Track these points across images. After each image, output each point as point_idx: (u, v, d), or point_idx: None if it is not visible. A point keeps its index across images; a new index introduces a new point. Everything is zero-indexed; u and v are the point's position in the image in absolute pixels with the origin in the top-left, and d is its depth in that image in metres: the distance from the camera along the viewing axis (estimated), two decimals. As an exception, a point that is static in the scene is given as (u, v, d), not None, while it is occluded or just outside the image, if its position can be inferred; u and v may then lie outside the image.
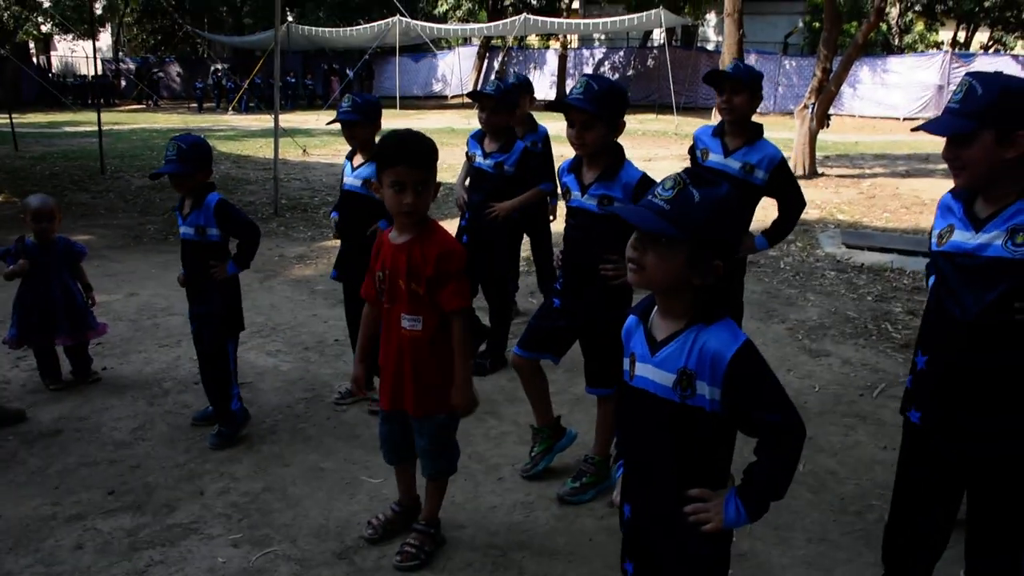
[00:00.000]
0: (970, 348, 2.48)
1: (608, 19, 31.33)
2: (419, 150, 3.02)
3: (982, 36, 38.92)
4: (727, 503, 2.05)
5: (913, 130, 2.76)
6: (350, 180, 4.70)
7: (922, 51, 32.32)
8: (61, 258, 4.98)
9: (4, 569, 3.25)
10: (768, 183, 4.13)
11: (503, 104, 5.22)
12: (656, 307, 2.12)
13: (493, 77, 8.38)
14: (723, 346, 1.95)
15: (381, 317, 3.25)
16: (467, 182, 5.53)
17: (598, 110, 3.44)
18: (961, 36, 37.42)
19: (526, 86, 5.96)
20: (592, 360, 3.85)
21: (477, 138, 5.42)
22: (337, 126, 4.68)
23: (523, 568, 3.31)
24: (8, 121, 17.57)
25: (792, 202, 4.28)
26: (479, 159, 5.32)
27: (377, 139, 3.88)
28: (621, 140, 3.70)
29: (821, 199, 12.26)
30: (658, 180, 2.08)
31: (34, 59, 41.37)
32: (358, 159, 4.71)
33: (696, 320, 2.00)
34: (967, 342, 2.48)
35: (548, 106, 3.78)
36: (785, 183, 4.21)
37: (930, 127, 2.45)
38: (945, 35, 37.10)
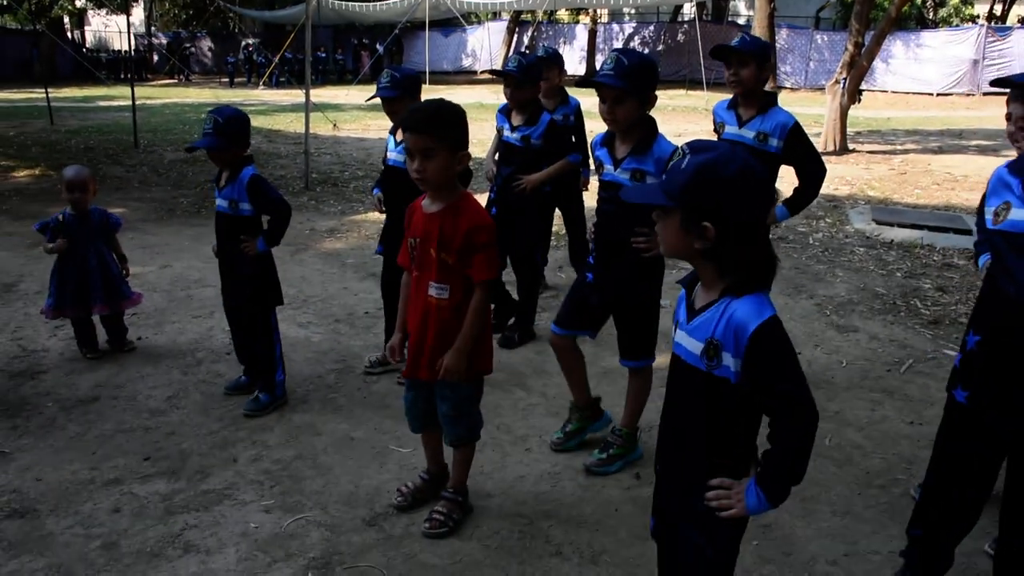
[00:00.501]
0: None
1: (639, -7, 31.10)
2: (422, 117, 3.05)
3: (1020, 9, 38.16)
4: (748, 490, 2.06)
5: (994, 83, 2.67)
6: (394, 155, 4.71)
7: (957, 25, 31.76)
8: (97, 229, 5.06)
9: (46, 529, 3.35)
10: (784, 151, 4.15)
11: (526, 80, 5.23)
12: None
13: (513, 53, 8.36)
14: (748, 318, 1.97)
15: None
16: (496, 156, 5.56)
17: (628, 85, 3.43)
18: (998, 9, 36.71)
19: (556, 59, 5.96)
20: (624, 332, 3.88)
21: (504, 112, 5.45)
22: (377, 101, 4.67)
23: (550, 537, 3.37)
24: (44, 95, 17.78)
25: (811, 169, 4.26)
26: (507, 133, 5.36)
27: None
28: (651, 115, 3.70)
29: (852, 175, 12.17)
30: None
31: (68, 34, 41.76)
32: (401, 134, 4.73)
33: (728, 291, 2.03)
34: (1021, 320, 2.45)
35: (579, 82, 3.79)
36: (801, 149, 4.20)
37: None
38: (981, 8, 36.38)
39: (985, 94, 27.69)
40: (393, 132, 4.80)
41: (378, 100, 4.64)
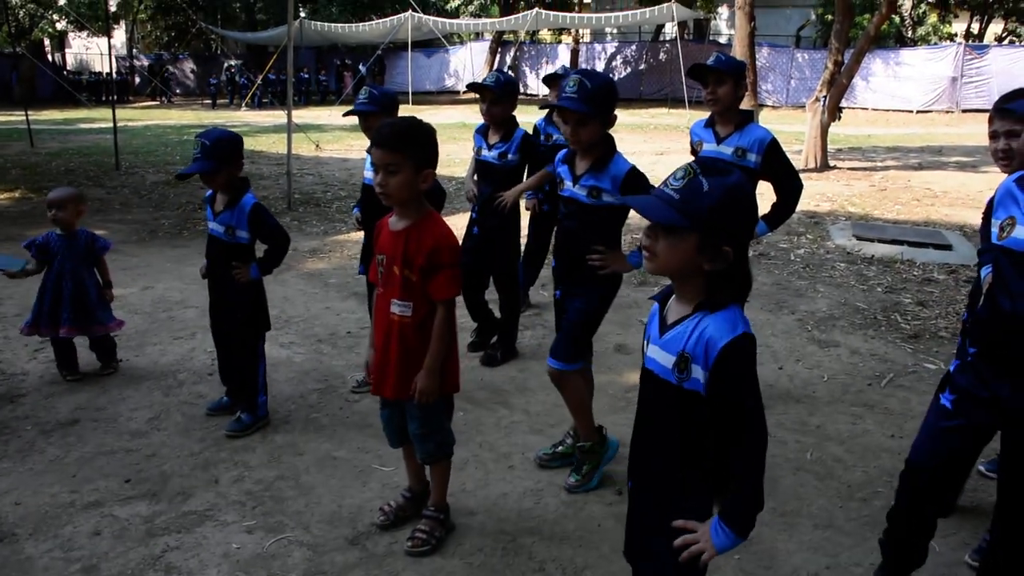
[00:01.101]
0: (1019, 342, 2.47)
1: (620, 13, 31.35)
2: (388, 133, 3.06)
3: (996, 27, 38.63)
4: (713, 531, 2.07)
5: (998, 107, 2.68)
6: (370, 174, 4.74)
7: (935, 43, 32.08)
8: (82, 252, 5.01)
9: (25, 553, 3.32)
10: (762, 165, 4.21)
11: (503, 95, 5.25)
12: (674, 293, 2.16)
13: (493, 70, 8.36)
14: (720, 333, 1.98)
15: None
16: (475, 177, 5.58)
17: (592, 109, 3.48)
18: (975, 27, 37.14)
19: (506, 90, 5.79)
20: (560, 330, 3.88)
21: (481, 132, 5.48)
22: (354, 119, 4.70)
23: (533, 553, 3.36)
24: (24, 118, 17.71)
25: (789, 184, 4.32)
26: (484, 152, 5.38)
27: None
28: (632, 135, 3.74)
29: (832, 192, 12.26)
30: (663, 174, 2.11)
31: (49, 56, 41.66)
32: None
33: (704, 306, 2.03)
34: (1017, 336, 2.48)
35: (544, 105, 3.85)
36: (779, 164, 4.28)
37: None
38: (959, 27, 36.80)
39: (964, 111, 28.04)
40: (371, 151, 4.82)
41: (355, 119, 4.67)
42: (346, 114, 4.94)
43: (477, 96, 5.41)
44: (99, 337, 5.14)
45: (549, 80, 6.44)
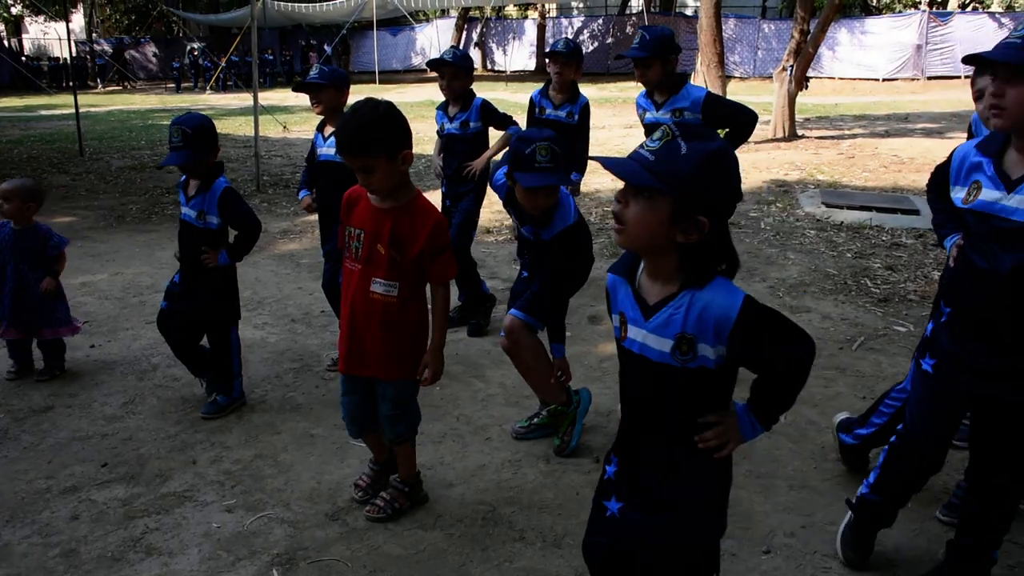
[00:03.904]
0: (1002, 298, 2.50)
1: (586, -13, 31.20)
2: (346, 140, 2.96)
3: (959, -6, 38.91)
4: (741, 421, 2.05)
5: (965, 60, 2.69)
6: (325, 150, 4.69)
7: (900, 11, 32.29)
8: (28, 248, 4.74)
9: (2, 540, 3.30)
10: (705, 120, 4.40)
11: (462, 69, 5.36)
12: (643, 267, 2.04)
13: (450, 46, 8.22)
14: (725, 307, 1.89)
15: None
16: (441, 154, 5.60)
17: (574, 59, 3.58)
18: (938, -5, 37.41)
19: (576, 54, 5.65)
20: (528, 290, 3.80)
21: (442, 108, 5.58)
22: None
23: (512, 523, 3.39)
24: (-17, 106, 17.43)
25: (741, 118, 4.51)
26: (448, 126, 5.47)
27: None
28: (601, 108, 3.80)
29: (801, 160, 12.34)
30: (631, 148, 2.01)
31: (5, 42, 40.88)
32: (329, 128, 4.73)
33: (689, 283, 1.93)
34: (998, 293, 2.50)
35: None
36: (721, 109, 4.52)
37: (996, 54, 2.35)
38: (922, -6, 37.07)
39: (929, 78, 28.24)
40: (320, 129, 4.80)
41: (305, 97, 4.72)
42: (295, 88, 4.92)
43: (431, 67, 5.47)
44: (46, 340, 4.88)
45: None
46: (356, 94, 3.89)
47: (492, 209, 8.15)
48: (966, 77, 3.96)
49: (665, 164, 1.83)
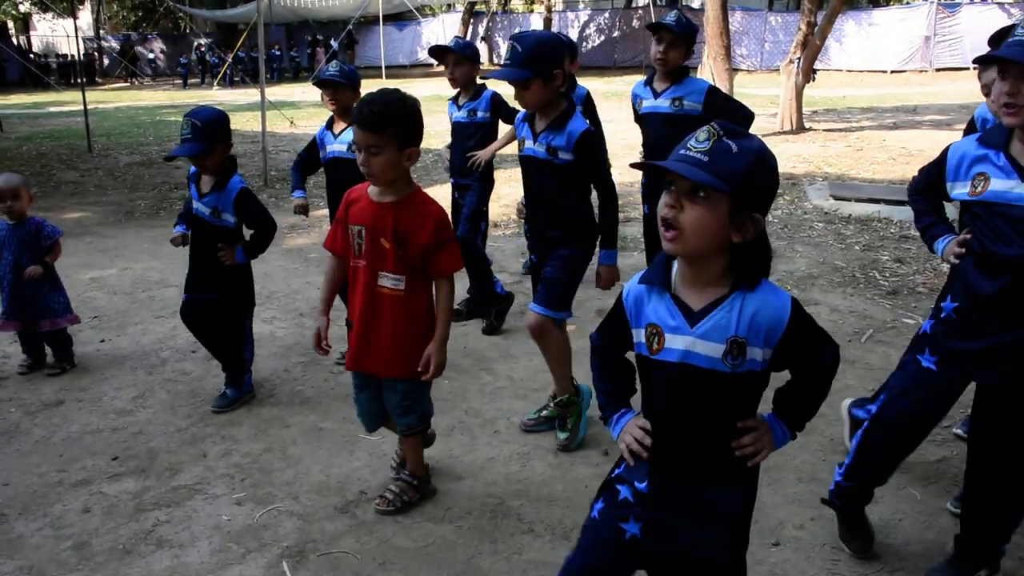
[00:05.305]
0: (1018, 285, 2.52)
1: (592, -20, 31.14)
2: (369, 113, 2.95)
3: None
4: (773, 428, 2.07)
5: (977, 60, 2.68)
6: (335, 146, 4.71)
7: (907, 2, 32.14)
8: (24, 241, 4.76)
9: (15, 532, 3.33)
10: (705, 110, 4.40)
11: (465, 56, 5.34)
12: (679, 275, 1.99)
13: (459, 37, 8.19)
14: (779, 309, 1.90)
15: (348, 271, 3.27)
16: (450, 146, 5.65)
17: (531, 72, 3.48)
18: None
19: (569, 46, 5.74)
20: (544, 284, 3.83)
21: (453, 99, 5.58)
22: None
23: (521, 515, 3.40)
24: (-8, 102, 17.49)
25: (737, 112, 4.49)
26: (457, 114, 5.49)
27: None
28: (608, 102, 3.77)
29: (809, 153, 12.31)
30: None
31: (14, 39, 40.99)
32: (339, 125, 4.73)
33: (740, 285, 1.91)
34: (1013, 280, 2.52)
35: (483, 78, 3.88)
36: (722, 101, 4.59)
37: (1008, 53, 2.35)
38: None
39: (938, 70, 28.14)
40: (328, 126, 4.81)
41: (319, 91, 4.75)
42: (315, 82, 4.93)
43: (434, 54, 5.47)
44: (47, 332, 4.88)
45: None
46: (362, 89, 3.90)
47: (499, 203, 8.16)
48: (974, 68, 3.95)
49: (721, 163, 1.82)
